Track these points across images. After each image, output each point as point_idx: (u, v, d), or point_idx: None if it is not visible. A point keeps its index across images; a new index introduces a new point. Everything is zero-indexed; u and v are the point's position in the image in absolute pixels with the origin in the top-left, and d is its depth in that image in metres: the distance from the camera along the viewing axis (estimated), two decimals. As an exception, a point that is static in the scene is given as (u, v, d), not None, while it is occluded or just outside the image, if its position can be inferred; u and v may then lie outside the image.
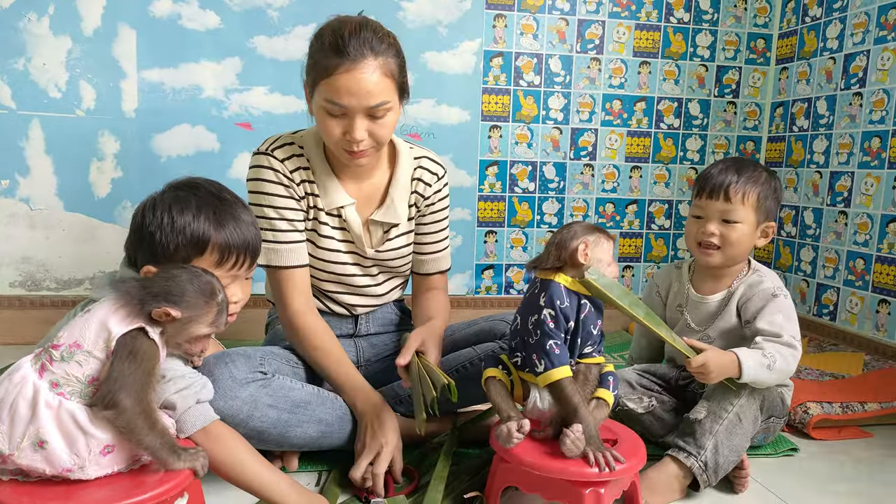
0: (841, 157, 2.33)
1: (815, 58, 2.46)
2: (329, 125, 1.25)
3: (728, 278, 1.43)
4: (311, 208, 1.39)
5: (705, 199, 1.38)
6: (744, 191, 1.35)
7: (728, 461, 1.25)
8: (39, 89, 2.13)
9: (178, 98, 2.22)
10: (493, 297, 2.57)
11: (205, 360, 1.18)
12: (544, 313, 1.09)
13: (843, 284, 2.31)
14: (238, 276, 1.11)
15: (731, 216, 1.36)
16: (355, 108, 1.22)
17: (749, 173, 1.37)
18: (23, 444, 0.85)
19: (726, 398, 1.28)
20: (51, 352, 0.89)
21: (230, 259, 1.07)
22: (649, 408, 1.40)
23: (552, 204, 2.58)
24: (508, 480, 1.11)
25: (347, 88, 1.20)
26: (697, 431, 1.25)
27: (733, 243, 1.36)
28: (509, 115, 2.49)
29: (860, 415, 1.64)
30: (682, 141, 2.65)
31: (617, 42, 2.53)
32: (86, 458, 0.87)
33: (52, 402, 0.87)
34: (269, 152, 1.36)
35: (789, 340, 1.30)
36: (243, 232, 1.08)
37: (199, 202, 1.06)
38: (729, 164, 1.40)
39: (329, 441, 1.30)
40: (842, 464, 1.46)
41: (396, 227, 1.45)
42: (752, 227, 1.38)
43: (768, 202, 1.38)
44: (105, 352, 0.89)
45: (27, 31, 2.10)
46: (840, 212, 2.33)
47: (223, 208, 1.08)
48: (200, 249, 1.04)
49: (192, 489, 0.98)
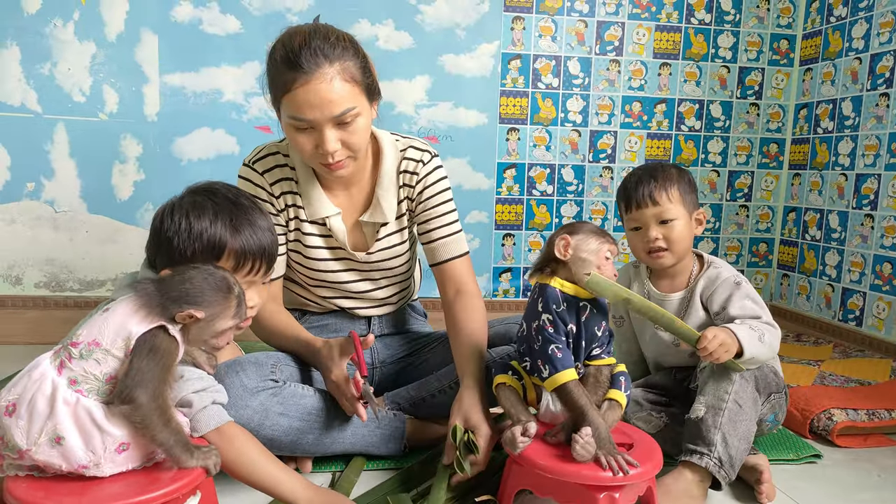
0: (867, 158, 2.28)
1: (840, 58, 2.41)
2: (299, 141, 1.21)
3: (683, 275, 1.46)
4: (291, 220, 1.38)
5: (636, 211, 1.42)
6: (666, 190, 1.40)
7: (740, 451, 1.22)
8: (64, 93, 2.17)
9: (199, 102, 2.24)
10: (511, 301, 2.56)
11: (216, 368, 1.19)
12: (543, 318, 1.09)
13: (869, 289, 2.26)
14: (254, 281, 1.11)
15: (666, 216, 1.39)
16: (320, 121, 1.17)
17: (662, 173, 1.42)
18: (40, 440, 0.87)
19: (720, 388, 1.26)
20: (70, 349, 0.90)
21: (246, 265, 1.08)
22: (660, 425, 1.38)
23: (570, 207, 2.56)
24: (521, 484, 1.10)
25: (308, 102, 1.15)
26: (703, 429, 1.22)
27: (677, 240, 1.40)
28: (527, 118, 2.48)
29: (887, 422, 1.59)
30: (704, 143, 2.61)
31: (637, 43, 2.50)
32: (101, 456, 0.88)
33: (69, 398, 0.88)
34: (250, 164, 1.36)
35: (768, 320, 1.32)
36: (259, 238, 1.08)
37: (216, 208, 1.06)
38: (640, 173, 1.44)
39: (342, 446, 1.30)
40: (867, 472, 1.42)
41: (385, 227, 1.41)
42: (687, 219, 1.41)
43: (689, 194, 1.43)
44: (124, 350, 0.90)
45: (53, 36, 2.14)
46: (866, 215, 2.28)
47: (239, 214, 1.08)
48: (217, 255, 1.05)
49: (204, 488, 0.99)
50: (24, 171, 2.19)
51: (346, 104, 1.18)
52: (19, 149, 2.17)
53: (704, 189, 2.64)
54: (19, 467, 0.89)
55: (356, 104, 1.20)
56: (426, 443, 1.39)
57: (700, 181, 2.63)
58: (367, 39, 2.30)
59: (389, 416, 1.36)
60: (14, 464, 0.89)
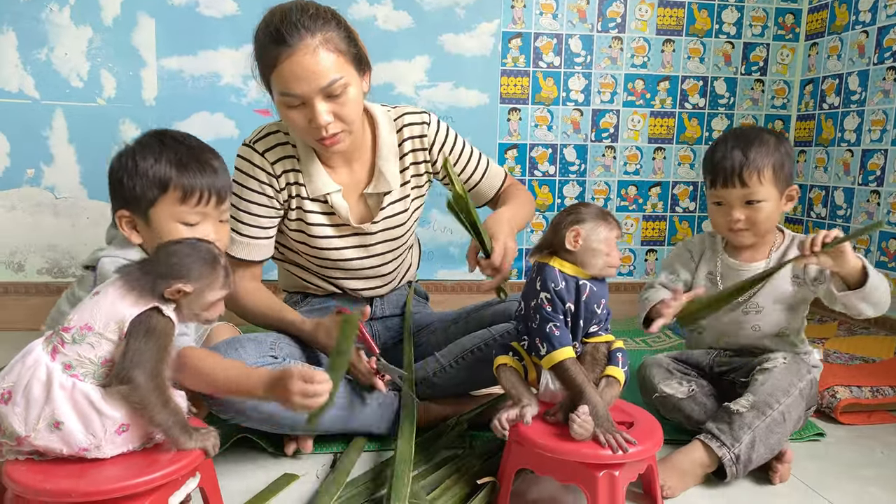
0: (874, 134, 2.25)
1: (846, 32, 2.37)
2: (292, 118, 1.23)
3: (764, 246, 1.41)
4: (293, 198, 1.38)
5: (721, 189, 1.33)
6: (758, 169, 1.30)
7: (761, 458, 1.21)
8: (62, 79, 2.16)
9: (197, 85, 2.23)
10: (514, 282, 2.54)
11: (215, 346, 1.19)
12: (541, 297, 1.09)
13: (875, 266, 2.24)
14: (207, 213, 1.13)
15: (754, 197, 1.32)
16: (309, 93, 1.18)
17: (757, 147, 1.30)
18: (39, 426, 0.87)
19: (774, 395, 1.22)
20: (62, 335, 0.90)
21: (193, 195, 1.10)
22: (690, 392, 1.35)
23: (573, 187, 2.54)
24: (521, 463, 1.10)
25: (294, 75, 1.17)
26: (736, 423, 1.20)
27: (761, 221, 1.34)
28: (529, 98, 2.45)
29: (891, 399, 1.59)
30: (708, 121, 2.58)
31: (639, 20, 2.47)
32: (101, 438, 0.88)
33: (66, 383, 0.88)
34: (250, 144, 1.36)
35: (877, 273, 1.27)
36: (206, 172, 1.11)
37: (161, 147, 1.10)
38: (732, 142, 1.33)
39: (342, 424, 1.30)
40: (871, 449, 1.42)
41: (389, 195, 1.42)
42: (777, 199, 1.34)
43: (785, 168, 1.33)
44: (118, 334, 0.90)
45: (49, 21, 2.12)
46: (872, 191, 2.25)
47: (186, 152, 1.11)
48: (163, 188, 1.09)
49: (204, 469, 0.99)
50: (23, 157, 2.18)
51: (332, 74, 1.19)
52: (18, 135, 2.17)
53: (708, 167, 2.61)
54: (18, 452, 0.90)
55: (343, 73, 1.21)
56: (427, 423, 1.39)
57: (704, 159, 2.60)
58: (365, 19, 2.27)
59: (391, 397, 1.37)
60: (13, 449, 0.89)
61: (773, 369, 1.27)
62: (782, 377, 1.25)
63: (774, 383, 1.24)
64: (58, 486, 0.86)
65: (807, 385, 1.29)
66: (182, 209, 1.10)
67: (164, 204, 1.09)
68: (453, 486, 1.15)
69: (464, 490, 1.14)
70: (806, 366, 1.33)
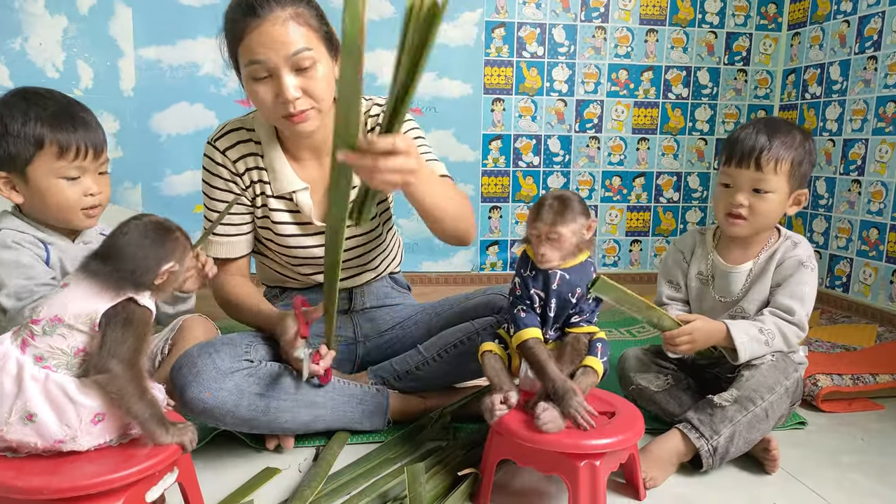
0: (854, 123, 2.26)
1: (828, 21, 2.38)
2: (260, 93, 1.20)
3: (756, 247, 1.36)
4: (258, 196, 1.36)
5: (734, 168, 1.29)
6: (777, 157, 1.25)
7: (739, 451, 1.21)
8: (37, 69, 2.11)
9: (176, 76, 2.19)
10: (499, 274, 2.54)
11: (188, 351, 1.18)
12: (514, 281, 1.14)
13: (856, 255, 2.26)
14: (85, 167, 1.14)
15: (763, 185, 1.27)
16: (275, 62, 1.16)
17: (782, 137, 1.26)
18: (11, 420, 0.85)
19: (759, 391, 1.21)
20: (31, 327, 0.89)
21: (70, 150, 1.12)
22: (665, 386, 1.36)
23: (557, 178, 2.54)
24: (503, 454, 1.09)
25: (261, 43, 1.16)
26: (717, 416, 1.20)
27: (763, 214, 1.29)
28: (512, 88, 2.44)
29: (872, 386, 1.60)
30: (692, 111, 2.59)
31: (622, 9, 2.46)
32: (77, 429, 0.87)
33: (38, 375, 0.86)
34: (212, 142, 1.34)
35: (799, 320, 1.28)
36: (79, 127, 1.13)
37: (27, 105, 1.11)
38: (760, 126, 1.29)
39: (324, 423, 1.29)
40: (852, 436, 1.43)
41: (356, 189, 1.39)
42: (785, 196, 1.29)
43: (803, 167, 1.29)
44: (89, 325, 0.89)
45: (23, 10, 2.08)
46: (853, 180, 2.26)
47: (56, 108, 1.12)
48: (39, 145, 1.10)
49: (182, 464, 0.98)
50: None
51: (299, 44, 1.17)
52: (-7, 127, 2.12)
53: (692, 158, 2.62)
54: None
55: (311, 46, 1.19)
56: (410, 417, 1.39)
57: (687, 150, 2.61)
58: (346, 9, 2.25)
59: (373, 391, 1.35)
60: None
61: (760, 366, 1.26)
62: (769, 374, 1.24)
63: (760, 380, 1.23)
64: (30, 483, 0.84)
65: (793, 384, 1.29)
66: (60, 164, 1.12)
67: (41, 161, 1.11)
68: (436, 478, 1.14)
69: (446, 481, 1.14)
70: (793, 364, 1.31)
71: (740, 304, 1.36)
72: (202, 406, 1.14)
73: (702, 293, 1.42)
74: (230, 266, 1.38)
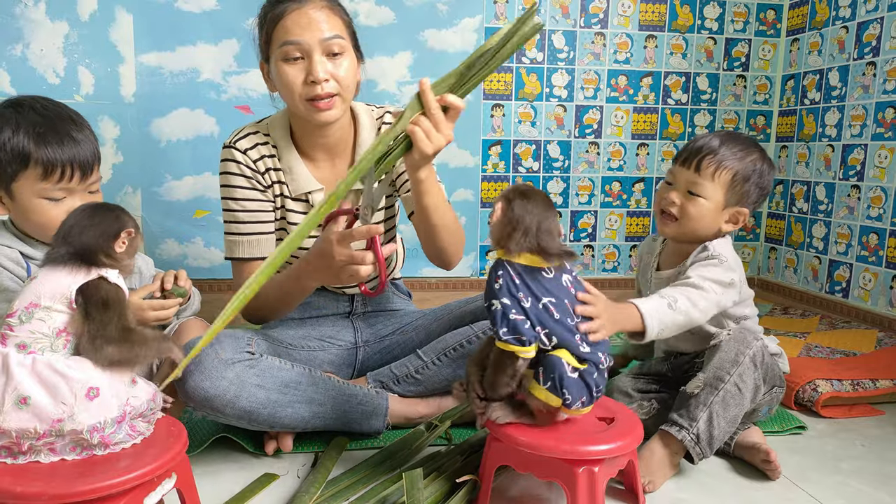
0: (854, 129, 2.26)
1: (826, 27, 2.38)
2: (290, 74, 1.25)
3: (682, 257, 1.35)
4: (277, 196, 1.38)
5: (677, 166, 1.31)
6: (717, 165, 1.25)
7: (723, 432, 1.21)
8: (38, 75, 2.12)
9: (177, 82, 2.20)
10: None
11: (190, 341, 1.18)
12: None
13: (855, 260, 2.26)
14: (72, 189, 1.12)
15: (697, 189, 1.27)
16: (310, 43, 1.23)
17: (735, 148, 1.26)
18: (6, 408, 0.85)
19: (723, 367, 1.21)
20: (7, 321, 0.89)
21: (55, 172, 1.08)
22: (652, 411, 1.36)
23: (557, 183, 2.54)
24: (501, 460, 1.09)
25: (298, 23, 1.23)
26: (691, 404, 1.21)
27: (692, 217, 1.28)
28: (512, 94, 2.44)
29: (871, 392, 1.60)
30: (691, 116, 2.59)
31: (622, 15, 2.47)
32: (73, 405, 0.86)
33: (25, 361, 0.87)
34: (231, 144, 1.36)
35: (695, 282, 1.21)
36: (66, 144, 1.09)
37: (18, 118, 1.08)
38: (720, 134, 1.29)
39: (323, 421, 1.29)
40: (851, 442, 1.42)
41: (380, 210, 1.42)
42: (718, 206, 1.28)
43: (745, 186, 1.27)
44: (65, 303, 0.89)
45: (24, 17, 2.09)
46: (853, 186, 2.27)
47: (44, 123, 1.09)
48: (24, 164, 1.07)
49: (180, 469, 0.98)
50: (-1, 155, 2.15)
51: (334, 30, 1.25)
52: (-6, 133, 2.13)
53: (691, 163, 2.62)
54: None
55: (343, 36, 1.27)
56: (409, 421, 1.39)
57: (687, 155, 2.61)
58: (346, 15, 2.26)
59: (372, 393, 1.36)
60: None
61: (719, 344, 1.25)
62: (728, 348, 1.23)
63: (722, 356, 1.22)
64: (28, 489, 0.84)
65: (758, 352, 1.24)
66: (44, 186, 1.08)
67: (25, 180, 1.08)
68: (434, 483, 1.14)
69: (445, 487, 1.14)
70: (752, 334, 1.27)
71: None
72: (203, 395, 1.15)
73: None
74: (254, 267, 1.36)
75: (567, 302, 1.00)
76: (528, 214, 0.97)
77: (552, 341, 0.98)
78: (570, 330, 0.99)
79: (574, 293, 1.02)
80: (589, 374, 0.99)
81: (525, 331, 0.95)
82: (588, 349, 0.99)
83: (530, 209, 0.97)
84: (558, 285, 1.00)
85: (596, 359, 1.00)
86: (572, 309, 1.00)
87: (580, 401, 0.99)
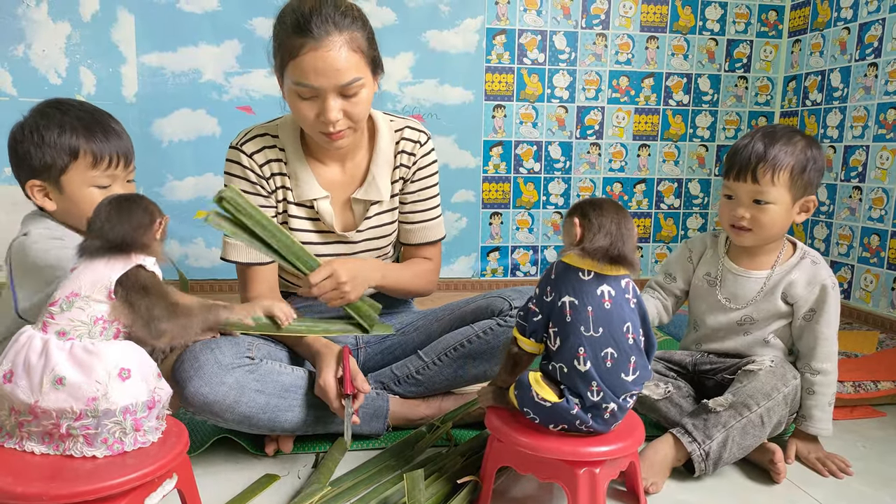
0: (855, 130, 2.26)
1: (828, 28, 2.38)
2: (302, 108, 1.21)
3: (769, 255, 1.33)
4: (280, 202, 1.36)
5: (733, 181, 1.28)
6: (774, 168, 1.24)
7: (733, 458, 1.20)
8: (40, 76, 2.13)
9: (178, 82, 2.20)
10: (500, 280, 2.54)
11: (190, 347, 1.18)
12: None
13: (857, 262, 2.26)
14: (116, 175, 1.19)
15: (763, 197, 1.25)
16: (326, 88, 1.18)
17: (781, 146, 1.25)
18: (44, 389, 0.88)
19: (755, 397, 1.20)
20: (49, 310, 0.92)
21: (104, 160, 1.16)
22: (666, 394, 1.34)
23: (558, 184, 2.54)
24: (502, 461, 1.09)
25: (315, 68, 1.16)
26: (710, 420, 1.19)
27: (765, 225, 1.27)
28: (513, 95, 2.44)
29: (873, 394, 1.59)
30: (692, 117, 2.59)
31: (623, 17, 2.47)
32: (106, 384, 0.89)
33: (63, 346, 0.90)
34: (238, 146, 1.34)
35: (832, 353, 1.30)
36: (110, 137, 1.17)
37: (62, 116, 1.15)
38: (758, 136, 1.27)
39: (323, 424, 1.29)
40: (852, 443, 1.42)
41: (378, 205, 1.40)
42: (787, 206, 1.27)
43: (806, 175, 1.26)
44: (104, 294, 0.92)
45: (26, 17, 2.09)
46: (854, 187, 2.26)
47: (89, 118, 1.17)
48: (74, 155, 1.14)
49: (181, 470, 0.98)
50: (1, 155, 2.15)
51: (352, 74, 1.19)
52: (-5, 133, 2.13)
53: (693, 164, 2.62)
54: (28, 433, 0.89)
55: (361, 75, 1.21)
56: (410, 422, 1.38)
57: (688, 156, 2.61)
58: (348, 16, 2.26)
59: (372, 395, 1.35)
60: (29, 429, 0.89)
61: (758, 371, 1.24)
62: (766, 380, 1.23)
63: (757, 385, 1.22)
64: (29, 489, 0.84)
65: (791, 391, 1.26)
66: (93, 174, 1.16)
67: (75, 170, 1.15)
68: (435, 484, 1.14)
69: (446, 488, 1.14)
70: (793, 371, 1.29)
71: (747, 312, 1.35)
72: (203, 400, 1.14)
73: (705, 294, 1.41)
74: (258, 274, 1.36)
75: (590, 309, 0.97)
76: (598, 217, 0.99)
77: (557, 343, 0.98)
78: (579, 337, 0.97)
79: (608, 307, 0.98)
80: (564, 409, 0.98)
81: (531, 321, 0.99)
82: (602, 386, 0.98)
83: (605, 212, 1.00)
84: (590, 290, 0.98)
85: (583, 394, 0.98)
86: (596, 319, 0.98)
87: (555, 425, 1.01)
